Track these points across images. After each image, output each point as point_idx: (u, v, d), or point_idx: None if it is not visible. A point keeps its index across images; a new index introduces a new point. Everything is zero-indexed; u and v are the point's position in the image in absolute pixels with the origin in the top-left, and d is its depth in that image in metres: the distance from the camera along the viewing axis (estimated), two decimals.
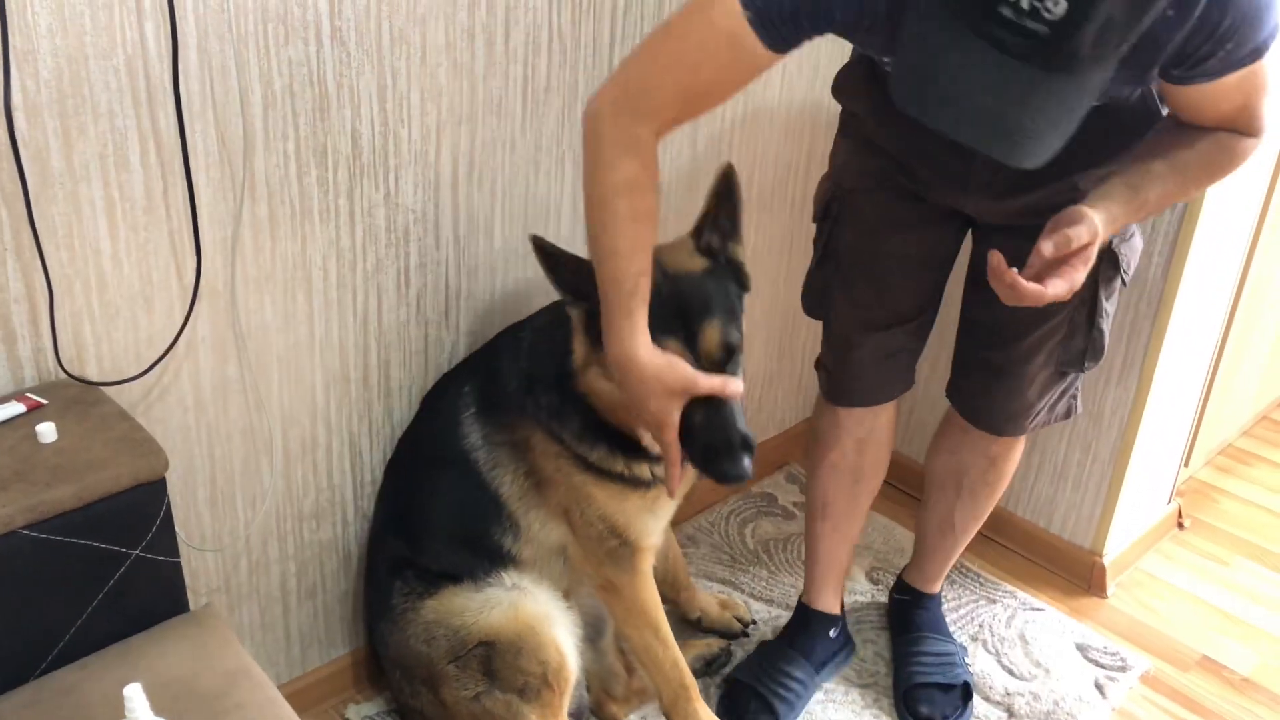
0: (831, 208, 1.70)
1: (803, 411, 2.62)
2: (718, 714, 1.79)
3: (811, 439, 1.97)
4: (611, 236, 1.30)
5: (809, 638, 1.96)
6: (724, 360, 1.43)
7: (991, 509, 1.94)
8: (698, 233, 1.50)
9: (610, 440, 1.56)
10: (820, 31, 1.23)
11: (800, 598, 2.01)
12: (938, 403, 1.94)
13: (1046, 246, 1.23)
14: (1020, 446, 1.85)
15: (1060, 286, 1.25)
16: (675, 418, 1.35)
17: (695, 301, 1.43)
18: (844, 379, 1.80)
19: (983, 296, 1.48)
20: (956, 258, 1.73)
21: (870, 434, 1.85)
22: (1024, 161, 1.08)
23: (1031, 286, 1.23)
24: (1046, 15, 0.96)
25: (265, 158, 1.45)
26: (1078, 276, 1.26)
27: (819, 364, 1.86)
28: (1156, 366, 2.08)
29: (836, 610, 1.99)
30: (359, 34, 1.48)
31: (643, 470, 1.58)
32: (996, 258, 1.24)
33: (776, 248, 2.32)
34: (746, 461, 1.40)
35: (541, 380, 1.58)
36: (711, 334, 1.42)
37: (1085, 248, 1.25)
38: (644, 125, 1.28)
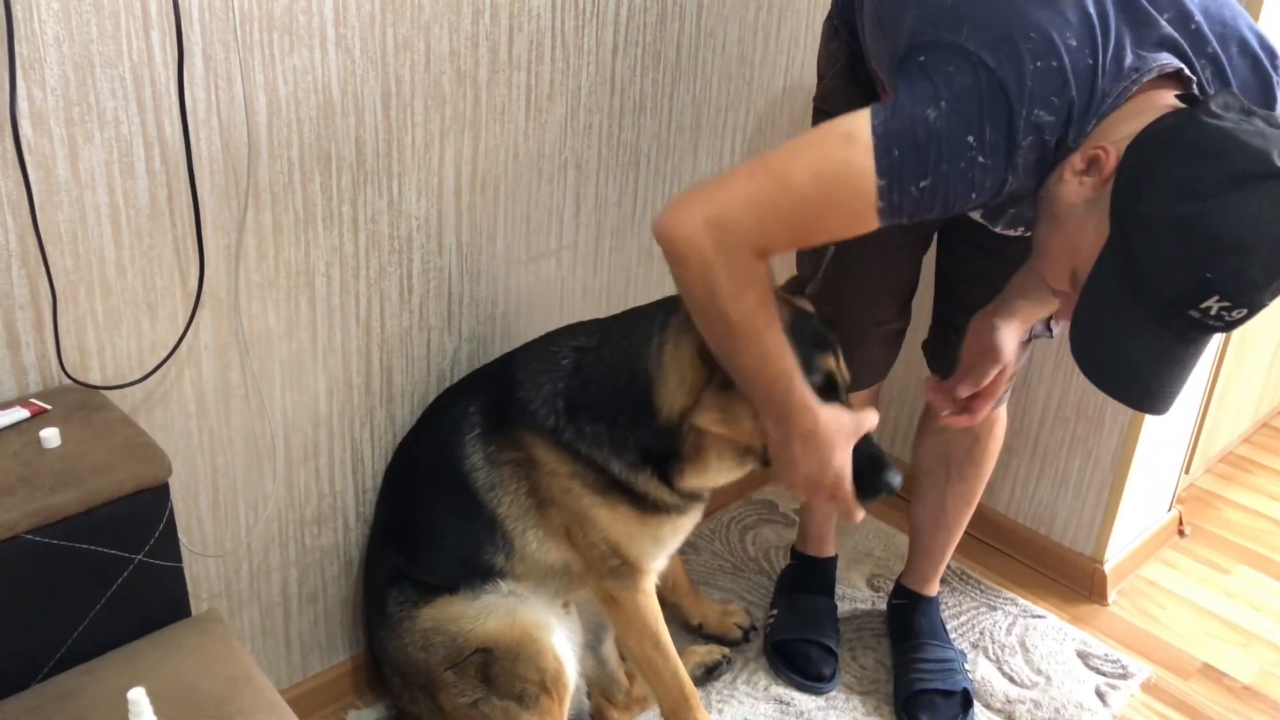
0: None
1: None
2: (774, 674, 2.00)
3: None
4: (761, 346, 1.30)
5: (827, 580, 2.15)
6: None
7: (979, 495, 1.96)
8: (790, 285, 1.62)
9: (661, 470, 1.55)
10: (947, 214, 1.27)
11: (799, 550, 2.18)
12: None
13: (963, 389, 1.57)
14: (1001, 423, 1.89)
15: (976, 419, 1.62)
16: (851, 468, 1.38)
17: (822, 329, 1.50)
18: (852, 367, 1.84)
19: (956, 265, 1.77)
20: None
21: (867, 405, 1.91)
22: (1161, 411, 1.24)
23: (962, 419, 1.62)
24: (1227, 319, 1.11)
25: (269, 165, 1.46)
26: (987, 408, 1.60)
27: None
28: None
29: (835, 551, 2.18)
30: (363, 41, 1.48)
31: (672, 497, 1.58)
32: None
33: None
34: (897, 470, 1.46)
35: (590, 408, 1.54)
36: (843, 355, 1.50)
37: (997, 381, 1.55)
38: (757, 257, 1.26)
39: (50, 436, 1.20)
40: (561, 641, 1.64)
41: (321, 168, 1.51)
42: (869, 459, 1.41)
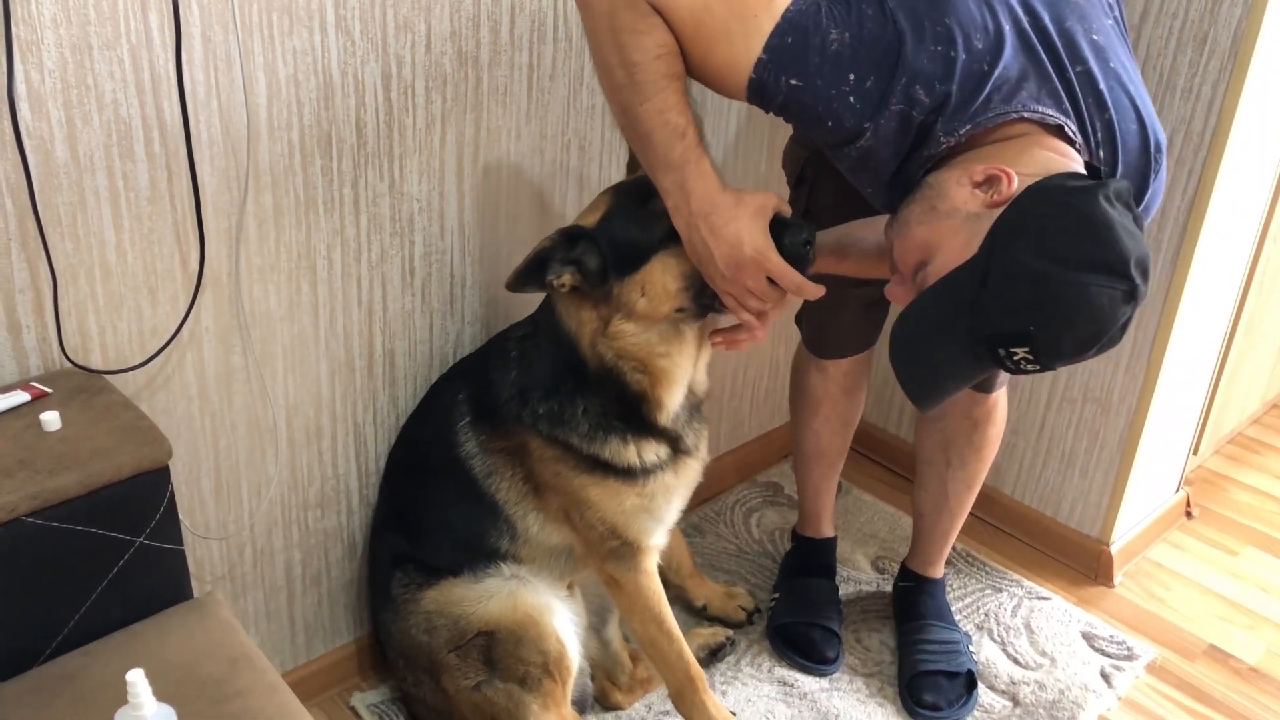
0: (806, 172, 1.75)
1: None
2: (778, 657, 2.00)
3: (799, 393, 2.03)
4: (662, 95, 1.32)
5: (827, 562, 2.16)
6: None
7: (981, 479, 1.95)
8: None
9: (624, 427, 1.55)
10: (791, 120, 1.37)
11: (799, 533, 2.18)
12: None
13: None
14: (1000, 409, 1.88)
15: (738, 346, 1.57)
16: (770, 239, 1.37)
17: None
18: (832, 334, 1.90)
19: None
20: None
21: (855, 380, 1.96)
22: (926, 410, 1.38)
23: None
24: (1022, 367, 1.23)
25: (269, 147, 1.45)
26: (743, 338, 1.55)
27: (800, 318, 1.95)
28: (1165, 354, 2.07)
29: (834, 532, 2.18)
30: (363, 22, 1.48)
31: (649, 453, 1.57)
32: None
33: None
34: (808, 225, 1.44)
35: (536, 388, 1.56)
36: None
37: None
38: (658, 14, 1.30)
39: (51, 420, 1.20)
40: (564, 624, 1.64)
41: (322, 150, 1.50)
42: (778, 224, 1.39)
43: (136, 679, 0.97)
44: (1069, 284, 1.17)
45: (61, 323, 1.34)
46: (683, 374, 1.55)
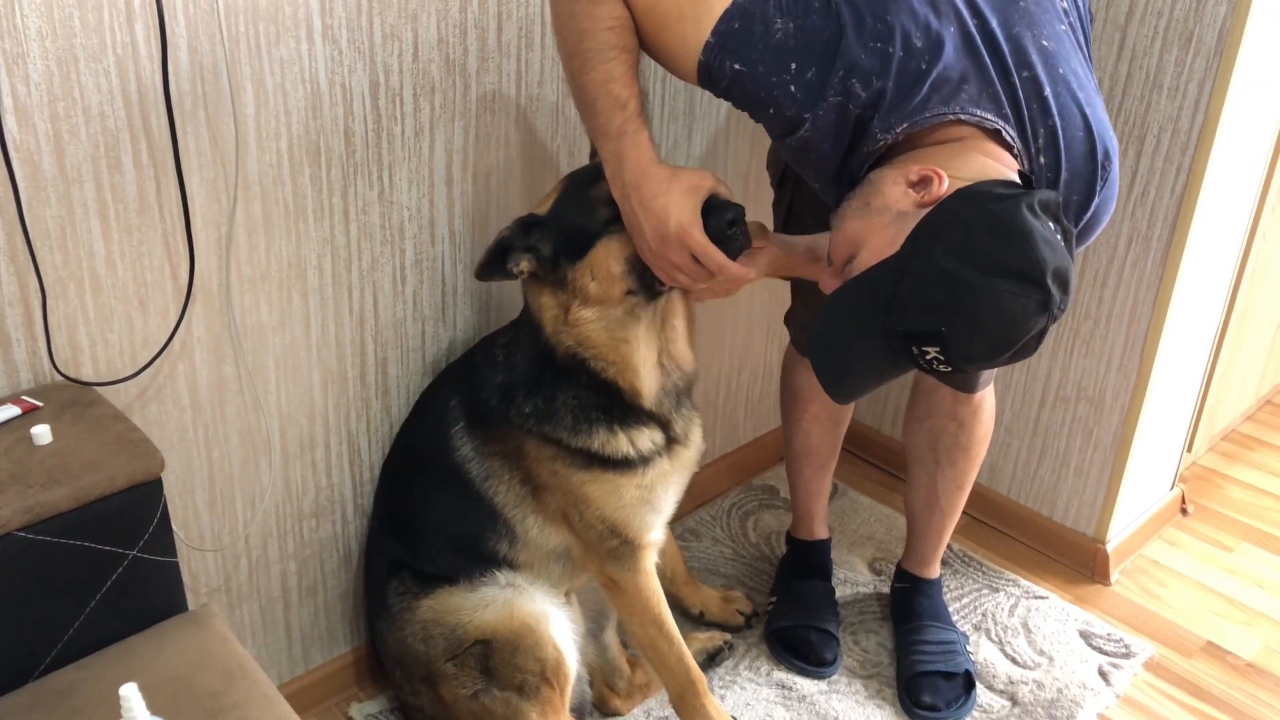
0: (789, 173, 1.76)
1: None
2: (776, 661, 2.00)
3: (789, 393, 2.04)
4: (608, 65, 1.35)
5: (821, 564, 2.15)
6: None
7: (972, 479, 1.95)
8: None
9: (607, 416, 1.55)
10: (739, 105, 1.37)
11: (793, 535, 2.17)
12: (915, 381, 1.93)
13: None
14: (987, 409, 1.88)
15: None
16: (699, 217, 1.38)
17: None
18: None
19: None
20: None
21: None
22: (843, 402, 1.46)
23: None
24: (935, 367, 1.25)
25: (258, 157, 1.45)
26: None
27: (789, 318, 1.95)
28: (1157, 351, 2.07)
29: (827, 534, 2.17)
30: (350, 31, 1.47)
31: (643, 440, 1.57)
32: None
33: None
34: (735, 205, 1.44)
35: (520, 387, 1.57)
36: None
37: None
38: None
39: (42, 433, 1.20)
40: (561, 631, 1.64)
41: (310, 159, 1.50)
42: (710, 206, 1.39)
43: (130, 693, 0.97)
44: (981, 288, 1.18)
45: (51, 335, 1.34)
46: (646, 356, 1.55)
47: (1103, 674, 2.00)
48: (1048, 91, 1.32)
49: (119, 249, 1.36)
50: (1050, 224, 1.21)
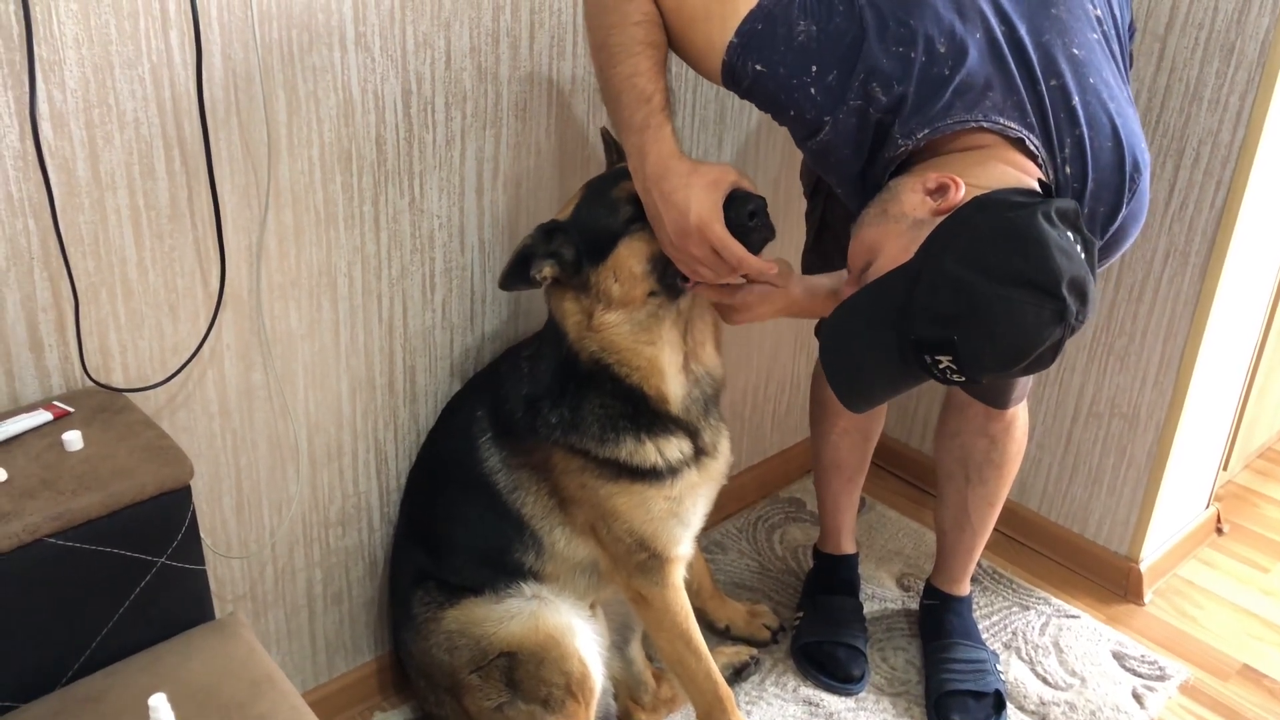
0: (822, 183, 1.75)
1: None
2: (803, 677, 1.98)
3: (818, 406, 2.03)
4: (634, 60, 1.35)
5: (849, 579, 2.12)
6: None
7: (1004, 496, 1.92)
8: None
9: (634, 425, 1.54)
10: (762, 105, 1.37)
11: (820, 549, 2.16)
12: (946, 396, 1.91)
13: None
14: (1020, 426, 1.85)
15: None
16: (720, 210, 1.37)
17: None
18: None
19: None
20: None
21: None
22: (857, 411, 1.40)
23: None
24: (948, 376, 1.22)
25: (289, 164, 1.45)
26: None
27: (819, 329, 1.88)
28: (1194, 368, 2.04)
29: (855, 548, 2.16)
30: (383, 39, 1.47)
31: (671, 449, 1.56)
32: None
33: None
34: (758, 196, 1.43)
35: (546, 397, 1.56)
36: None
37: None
38: None
39: (73, 439, 1.20)
40: (587, 644, 1.62)
41: (342, 167, 1.50)
42: (731, 198, 1.38)
43: (159, 704, 0.97)
44: (993, 297, 1.16)
45: (83, 341, 1.34)
46: (671, 360, 1.53)
47: (1136, 697, 1.96)
48: (1076, 100, 1.30)
49: (151, 255, 1.36)
50: (1068, 233, 1.18)
